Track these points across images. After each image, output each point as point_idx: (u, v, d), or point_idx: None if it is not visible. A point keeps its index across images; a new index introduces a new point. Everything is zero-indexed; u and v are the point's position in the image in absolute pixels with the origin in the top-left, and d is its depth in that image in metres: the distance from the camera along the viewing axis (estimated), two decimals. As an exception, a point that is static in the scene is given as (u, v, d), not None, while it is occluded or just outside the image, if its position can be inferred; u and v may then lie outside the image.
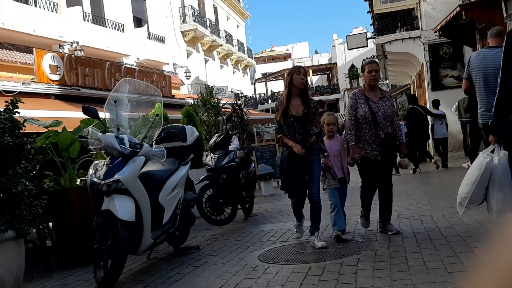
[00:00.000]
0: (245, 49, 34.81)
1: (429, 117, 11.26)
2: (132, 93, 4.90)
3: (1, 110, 3.92)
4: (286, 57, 52.53)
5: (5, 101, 4.06)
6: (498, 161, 3.34)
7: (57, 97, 12.24)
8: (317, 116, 4.54)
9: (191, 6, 24.03)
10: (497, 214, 3.41)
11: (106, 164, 4.05)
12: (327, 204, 4.88)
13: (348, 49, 24.08)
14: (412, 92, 21.08)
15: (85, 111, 4.20)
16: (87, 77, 13.28)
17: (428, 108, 12.21)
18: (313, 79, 44.72)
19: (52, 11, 14.53)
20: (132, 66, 17.05)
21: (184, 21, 23.82)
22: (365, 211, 4.86)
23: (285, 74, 4.21)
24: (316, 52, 57.38)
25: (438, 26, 12.43)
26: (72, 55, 13.46)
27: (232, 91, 28.23)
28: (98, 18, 16.95)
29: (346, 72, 40.53)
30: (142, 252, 4.28)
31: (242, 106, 16.18)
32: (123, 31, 18.22)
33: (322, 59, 49.32)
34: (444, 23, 11.78)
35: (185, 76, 22.51)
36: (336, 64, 41.97)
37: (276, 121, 4.45)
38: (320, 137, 4.48)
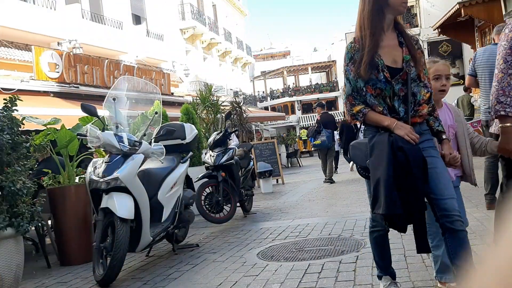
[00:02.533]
0: (244, 46, 34.77)
1: None
2: (131, 90, 4.90)
3: (0, 107, 3.92)
4: (285, 54, 52.53)
5: (4, 99, 4.05)
6: None
7: (56, 94, 12.23)
8: (424, 65, 2.50)
9: (190, 4, 23.99)
10: None
11: (105, 162, 4.05)
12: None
13: (347, 47, 24.02)
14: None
15: (83, 108, 4.20)
16: (86, 75, 13.27)
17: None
18: (312, 77, 44.70)
19: (51, 8, 14.49)
20: (131, 64, 17.03)
21: (183, 18, 23.78)
22: None
23: None
24: (315, 50, 57.35)
25: (437, 24, 12.43)
26: (71, 53, 13.44)
27: (231, 89, 28.21)
28: (96, 15, 16.90)
29: (345, 70, 40.47)
30: (141, 250, 4.28)
31: (241, 103, 16.18)
32: (121, 29, 18.18)
33: (321, 57, 49.28)
34: (443, 20, 11.78)
35: (184, 74, 22.49)
36: (336, 62, 41.94)
37: (349, 81, 2.47)
38: (433, 106, 2.49)
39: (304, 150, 30.52)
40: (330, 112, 11.79)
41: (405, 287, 2.88)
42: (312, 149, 16.55)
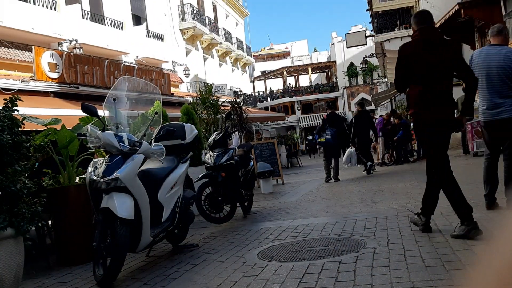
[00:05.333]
0: (244, 47, 34.79)
1: None
2: (131, 91, 4.90)
3: (0, 108, 3.92)
4: (285, 55, 52.52)
5: (4, 99, 4.06)
6: (352, 150, 11.12)
7: (56, 95, 12.24)
8: None
9: (190, 4, 24.00)
10: (352, 165, 11.64)
11: (105, 162, 4.05)
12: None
13: (347, 47, 24.09)
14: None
15: (84, 109, 4.20)
16: (86, 75, 13.28)
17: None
18: (312, 77, 44.70)
19: (51, 8, 14.50)
20: (131, 64, 17.04)
21: (183, 19, 23.79)
22: None
23: None
24: (315, 50, 57.34)
25: (437, 24, 12.42)
26: (71, 53, 13.44)
27: (231, 89, 28.20)
28: (97, 16, 16.91)
29: (345, 70, 40.54)
30: (141, 250, 4.28)
31: (241, 104, 16.18)
32: (122, 29, 18.19)
33: (321, 57, 49.30)
34: (443, 21, 11.78)
35: (184, 74, 22.49)
36: (335, 62, 41.98)
37: None
38: None
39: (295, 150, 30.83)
40: (337, 112, 12.16)
41: (405, 287, 2.88)
42: (318, 146, 16.76)
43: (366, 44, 21.74)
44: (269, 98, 41.73)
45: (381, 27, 16.60)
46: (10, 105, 3.96)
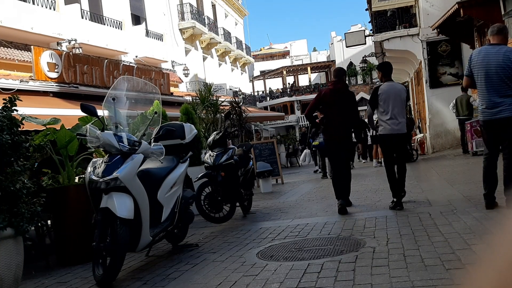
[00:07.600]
0: (244, 46, 34.76)
1: None
2: (130, 90, 4.90)
3: (-1, 107, 3.92)
4: (284, 54, 52.49)
5: (3, 99, 4.06)
6: (307, 151, 14.45)
7: (55, 94, 12.23)
8: None
9: (190, 4, 23.98)
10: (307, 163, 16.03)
11: (104, 162, 4.05)
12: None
13: (347, 47, 24.05)
14: (409, 89, 21.10)
15: (83, 108, 4.20)
16: (86, 75, 13.27)
17: None
18: (312, 77, 44.70)
19: (50, 8, 14.48)
20: (131, 64, 17.02)
21: (183, 18, 23.77)
22: None
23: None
24: (314, 50, 57.35)
25: (436, 24, 12.43)
26: (70, 53, 13.43)
27: (230, 89, 28.19)
28: (96, 15, 16.90)
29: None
30: (140, 250, 4.28)
31: (241, 103, 16.18)
32: (121, 29, 18.17)
33: (321, 57, 49.28)
34: (442, 20, 11.78)
35: (184, 74, 22.48)
36: (335, 62, 41.95)
37: None
38: None
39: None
40: None
41: (405, 287, 2.89)
42: (313, 149, 16.98)
43: (365, 43, 21.72)
44: (268, 98, 41.72)
45: (381, 27, 16.59)
46: (9, 105, 3.95)
